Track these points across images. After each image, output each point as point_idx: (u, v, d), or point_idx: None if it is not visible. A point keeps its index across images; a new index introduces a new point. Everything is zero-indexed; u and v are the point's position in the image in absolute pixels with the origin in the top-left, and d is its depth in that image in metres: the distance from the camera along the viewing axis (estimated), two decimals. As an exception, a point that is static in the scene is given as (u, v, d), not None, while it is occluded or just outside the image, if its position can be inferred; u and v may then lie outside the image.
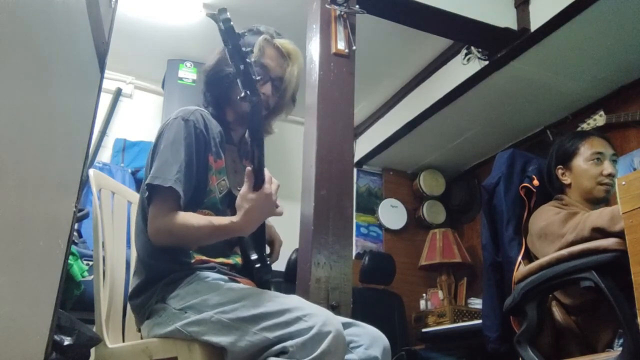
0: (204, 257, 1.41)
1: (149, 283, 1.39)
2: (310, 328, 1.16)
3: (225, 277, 1.39)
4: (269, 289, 1.43)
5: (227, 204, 1.47)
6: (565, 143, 2.04)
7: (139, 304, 1.39)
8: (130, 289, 1.44)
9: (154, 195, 1.35)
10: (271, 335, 1.19)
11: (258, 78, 1.25)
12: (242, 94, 1.25)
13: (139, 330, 1.45)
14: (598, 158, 1.95)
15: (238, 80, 1.25)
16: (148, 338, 1.37)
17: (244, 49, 1.23)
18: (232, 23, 1.23)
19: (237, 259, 1.48)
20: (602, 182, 1.93)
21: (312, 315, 1.19)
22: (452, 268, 4.15)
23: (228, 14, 1.24)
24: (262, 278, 1.45)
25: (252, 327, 1.21)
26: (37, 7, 0.76)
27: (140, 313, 1.40)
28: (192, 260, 1.39)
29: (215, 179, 1.44)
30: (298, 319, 1.18)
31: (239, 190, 1.32)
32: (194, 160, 1.39)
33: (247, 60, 1.24)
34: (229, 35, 1.23)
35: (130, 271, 1.65)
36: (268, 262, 1.49)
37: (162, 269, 1.38)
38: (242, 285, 1.36)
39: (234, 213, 1.34)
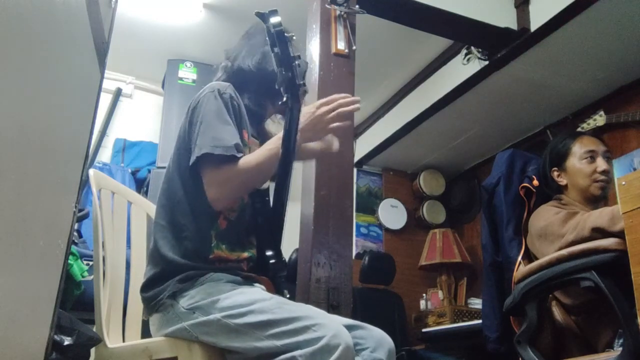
0: (222, 254, 1.40)
1: (164, 276, 1.37)
2: (320, 339, 1.15)
3: (239, 279, 1.37)
4: (282, 285, 1.42)
5: None
6: (557, 145, 2.05)
7: (150, 297, 1.38)
8: (144, 279, 1.43)
9: (210, 163, 1.35)
10: (279, 342, 1.18)
11: (302, 82, 1.26)
12: (284, 99, 1.27)
13: (148, 319, 1.44)
14: (591, 156, 1.96)
15: (281, 85, 1.27)
16: (156, 332, 1.38)
17: (291, 54, 1.24)
18: (282, 27, 1.23)
19: (253, 252, 1.46)
20: (597, 180, 1.93)
21: (322, 326, 1.17)
22: (452, 268, 4.15)
23: (279, 17, 1.23)
24: (277, 274, 1.44)
25: (260, 333, 1.20)
26: (37, 7, 0.76)
27: (150, 305, 1.39)
28: (211, 256, 1.38)
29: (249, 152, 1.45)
30: (307, 328, 1.18)
31: None
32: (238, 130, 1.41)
33: (294, 64, 1.24)
34: (279, 39, 1.23)
35: (131, 271, 1.65)
36: (283, 258, 1.46)
37: (181, 265, 1.36)
38: (254, 290, 1.35)
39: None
